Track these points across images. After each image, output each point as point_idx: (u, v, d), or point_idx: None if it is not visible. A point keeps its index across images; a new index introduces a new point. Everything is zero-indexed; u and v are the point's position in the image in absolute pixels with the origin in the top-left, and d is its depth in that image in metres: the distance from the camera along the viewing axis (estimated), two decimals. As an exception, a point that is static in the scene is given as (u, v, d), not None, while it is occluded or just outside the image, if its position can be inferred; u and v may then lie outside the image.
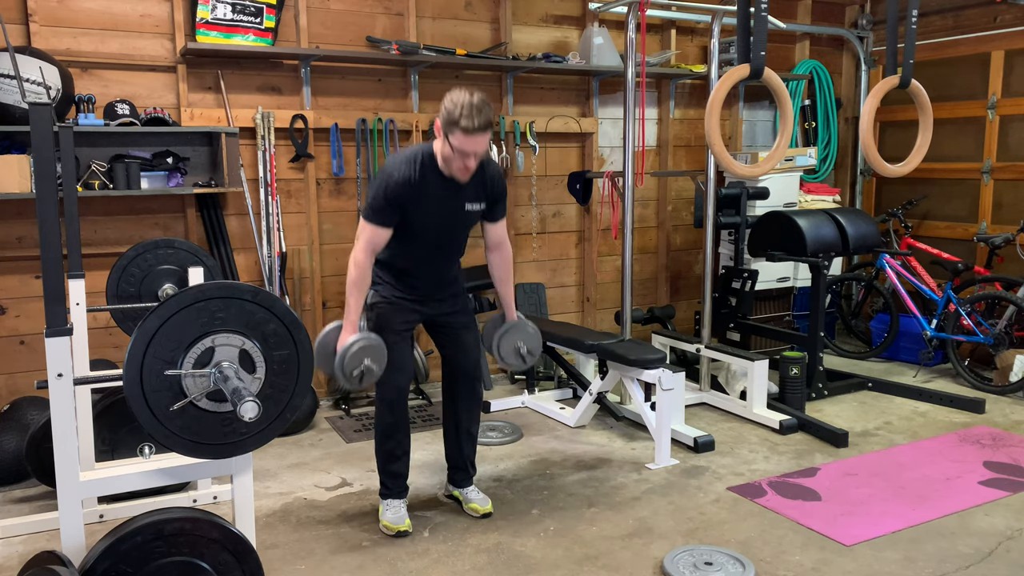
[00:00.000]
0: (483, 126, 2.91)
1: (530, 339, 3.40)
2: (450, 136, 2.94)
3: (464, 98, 2.91)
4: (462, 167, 3.00)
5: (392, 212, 3.05)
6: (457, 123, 2.89)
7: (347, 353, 2.98)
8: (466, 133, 2.90)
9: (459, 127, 2.89)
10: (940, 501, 3.50)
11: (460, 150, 2.94)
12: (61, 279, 2.04)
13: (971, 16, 5.82)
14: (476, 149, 2.95)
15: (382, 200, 3.03)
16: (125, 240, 4.30)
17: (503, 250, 3.37)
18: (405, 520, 3.25)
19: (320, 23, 4.70)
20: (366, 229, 3.06)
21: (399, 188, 3.02)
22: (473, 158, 2.98)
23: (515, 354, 3.38)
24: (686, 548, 3.05)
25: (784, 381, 4.63)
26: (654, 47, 5.77)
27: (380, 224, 3.06)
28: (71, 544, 2.10)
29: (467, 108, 2.89)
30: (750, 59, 3.44)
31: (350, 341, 2.99)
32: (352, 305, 3.08)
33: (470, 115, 2.88)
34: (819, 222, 4.99)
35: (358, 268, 3.06)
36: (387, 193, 3.02)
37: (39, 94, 3.73)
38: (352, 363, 2.99)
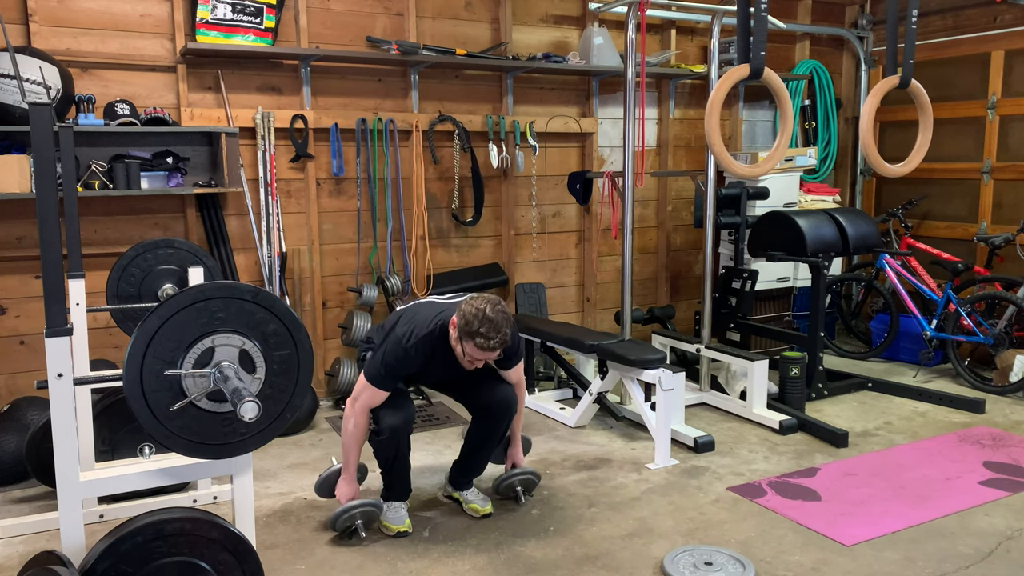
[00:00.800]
0: (497, 346, 2.97)
1: (530, 485, 3.53)
2: (464, 343, 2.98)
3: (483, 311, 2.94)
4: (471, 366, 3.10)
5: (397, 381, 3.16)
6: (473, 337, 2.94)
7: (343, 515, 3.15)
8: (480, 349, 2.97)
9: (474, 342, 2.95)
10: (940, 501, 3.50)
11: (472, 357, 3.03)
12: (61, 279, 2.04)
13: (971, 16, 5.82)
14: (489, 358, 3.06)
15: (392, 370, 3.09)
16: (125, 240, 4.30)
17: (516, 389, 3.41)
18: (405, 520, 3.25)
19: (320, 23, 4.70)
20: (367, 390, 3.11)
21: (410, 362, 3.10)
22: (482, 364, 3.11)
23: (511, 492, 3.52)
24: (686, 548, 3.05)
25: (784, 381, 4.63)
26: (654, 47, 5.77)
27: (383, 388, 3.12)
28: (71, 544, 2.10)
29: (485, 325, 2.92)
30: (750, 59, 3.44)
31: (349, 505, 3.15)
32: (351, 460, 3.21)
33: (487, 334, 2.93)
34: (819, 222, 4.99)
35: (356, 427, 3.16)
36: (398, 367, 3.10)
37: (39, 94, 3.73)
38: (345, 523, 3.16)
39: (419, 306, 3.25)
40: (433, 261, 5.12)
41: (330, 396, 4.87)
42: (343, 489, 3.22)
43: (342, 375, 4.68)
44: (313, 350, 3.04)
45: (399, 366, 3.09)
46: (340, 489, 3.23)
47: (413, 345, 3.07)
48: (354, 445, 3.17)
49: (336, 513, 3.15)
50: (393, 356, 3.07)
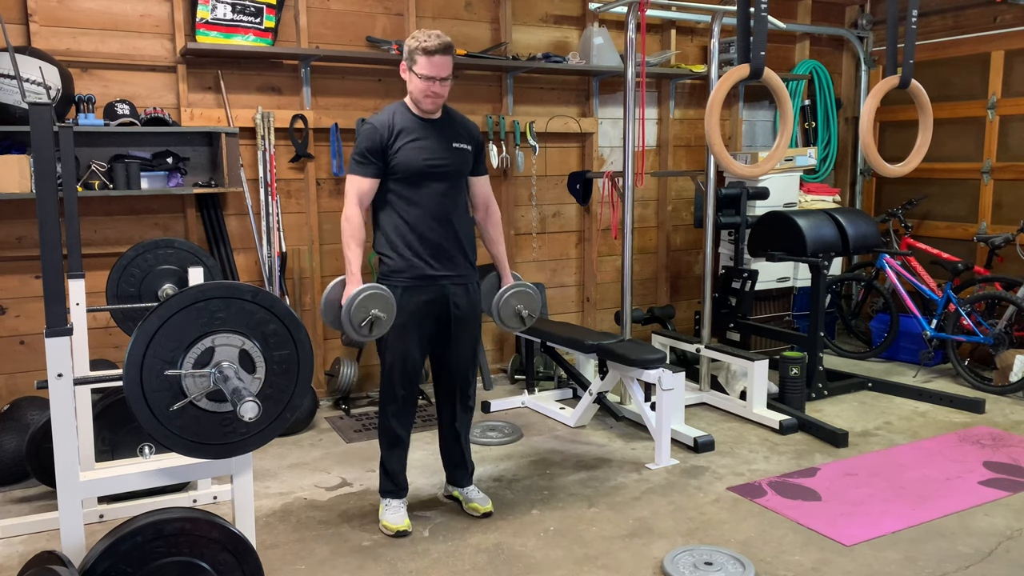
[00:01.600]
0: (443, 47, 3.04)
1: (530, 301, 3.43)
2: (414, 67, 3.06)
3: (421, 31, 3.08)
4: (430, 95, 3.09)
5: (374, 158, 3.12)
6: (418, 49, 3.03)
7: (353, 303, 2.99)
8: (428, 55, 3.02)
9: (420, 51, 3.02)
10: (940, 501, 3.50)
11: (425, 75, 3.05)
12: (61, 279, 2.04)
13: (971, 16, 5.82)
14: (440, 72, 3.06)
15: (362, 148, 3.12)
16: (125, 240, 4.30)
17: (491, 209, 3.40)
18: (405, 520, 3.25)
19: (320, 23, 4.70)
20: (352, 181, 3.14)
21: (376, 132, 3.12)
22: (439, 83, 3.07)
23: (515, 317, 3.41)
24: (686, 548, 3.05)
25: (784, 381, 4.63)
26: (654, 47, 5.77)
27: (363, 174, 3.13)
28: (71, 544, 2.10)
29: (425, 35, 3.06)
30: (750, 59, 3.44)
31: (356, 291, 3.02)
32: (352, 259, 3.12)
33: (428, 39, 3.03)
34: (819, 222, 4.99)
35: (350, 222, 3.13)
36: (367, 140, 3.12)
37: (39, 94, 3.73)
38: (359, 313, 2.99)
39: None
40: (433, 261, 5.11)
41: (330, 396, 4.88)
42: (349, 289, 3.06)
43: (342, 375, 4.68)
44: (313, 350, 3.04)
45: (369, 143, 3.11)
46: (346, 292, 3.06)
47: (376, 117, 3.16)
48: (352, 241, 3.11)
49: (344, 308, 2.99)
50: (363, 133, 3.14)
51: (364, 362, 4.91)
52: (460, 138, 3.23)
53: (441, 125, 3.20)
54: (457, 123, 3.26)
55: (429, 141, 3.16)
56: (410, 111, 3.17)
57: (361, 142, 3.13)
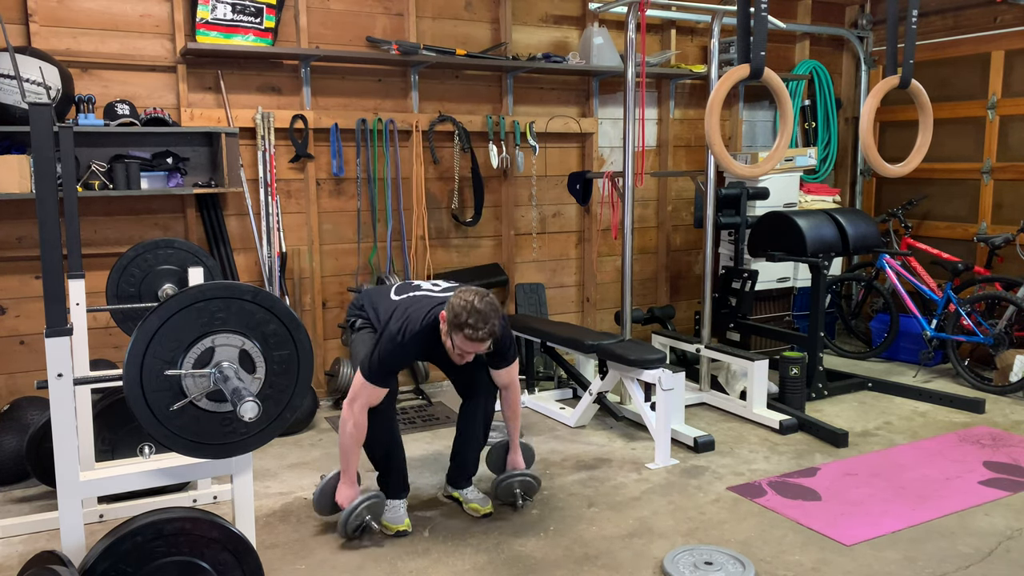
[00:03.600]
0: (486, 337, 2.98)
1: (530, 488, 3.48)
2: (454, 335, 3.00)
3: (472, 303, 2.95)
4: (460, 359, 3.10)
5: (394, 376, 3.16)
6: (461, 328, 2.95)
7: (352, 515, 3.12)
8: (469, 340, 2.98)
9: (463, 333, 2.96)
10: (940, 501, 3.50)
11: (460, 350, 3.04)
12: (61, 279, 2.04)
13: (971, 16, 5.82)
14: (477, 350, 3.06)
15: (388, 366, 3.10)
16: (125, 240, 4.30)
17: (511, 392, 3.42)
18: (405, 520, 3.25)
19: (320, 23, 4.70)
20: (365, 388, 3.09)
21: (406, 357, 3.15)
22: (472, 356, 3.10)
23: (510, 495, 3.46)
24: (686, 548, 3.05)
25: (784, 381, 4.63)
26: (654, 47, 5.77)
27: (381, 385, 3.11)
28: (71, 544, 2.10)
29: (474, 316, 2.94)
30: (750, 59, 3.44)
31: (355, 503, 3.12)
32: (350, 462, 3.18)
33: (475, 325, 2.94)
34: (819, 222, 4.99)
35: (356, 427, 3.12)
36: (395, 358, 3.11)
37: (39, 94, 3.73)
38: (355, 523, 3.12)
39: (413, 300, 3.24)
40: (433, 261, 5.12)
41: (330, 396, 4.87)
42: (344, 493, 3.19)
43: (342, 375, 4.68)
44: (313, 350, 3.04)
45: (394, 361, 3.11)
46: (341, 494, 3.20)
47: (408, 341, 3.09)
48: (354, 447, 3.15)
49: (343, 517, 3.12)
50: (388, 352, 3.08)
51: (364, 362, 4.90)
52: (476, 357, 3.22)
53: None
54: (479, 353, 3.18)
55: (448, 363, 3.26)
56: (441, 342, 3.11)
57: (387, 354, 3.08)
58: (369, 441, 3.24)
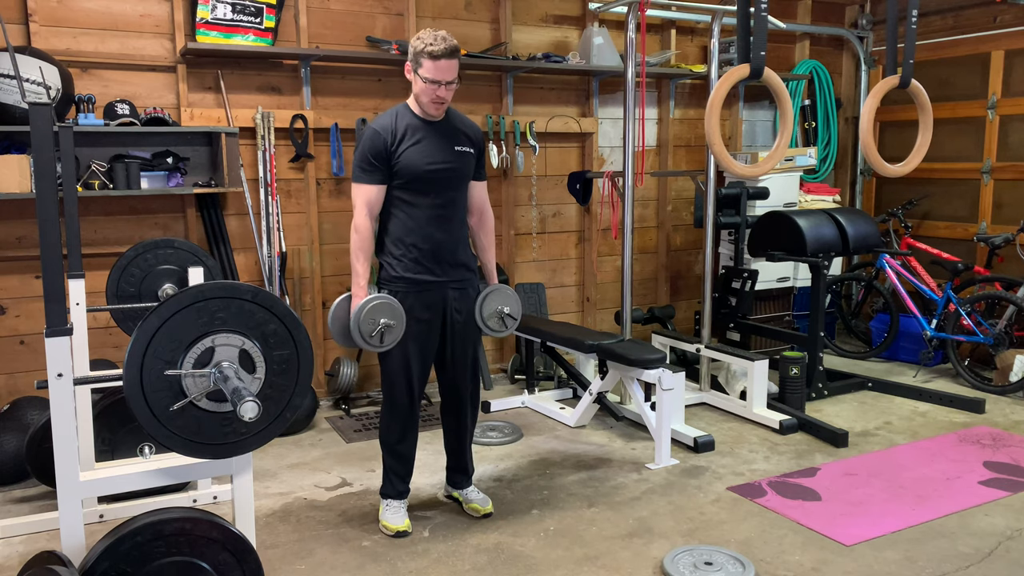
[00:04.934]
0: (449, 51, 2.99)
1: (511, 302, 3.37)
2: (419, 70, 3.02)
3: (428, 33, 3.01)
4: (435, 98, 3.05)
5: (379, 164, 3.08)
6: (423, 52, 2.98)
7: (361, 314, 2.99)
8: (433, 59, 2.98)
9: (426, 55, 2.98)
10: (940, 501, 3.50)
11: (430, 79, 3.01)
12: (61, 279, 2.04)
13: (971, 16, 5.82)
14: (446, 77, 3.02)
15: (367, 154, 3.08)
16: (125, 240, 4.30)
17: (485, 216, 3.37)
18: (405, 520, 3.25)
19: (320, 23, 4.70)
20: (359, 191, 3.09)
21: (379, 137, 3.07)
22: (444, 88, 3.03)
23: (497, 318, 3.35)
24: (686, 548, 3.05)
25: (784, 381, 4.63)
26: (654, 47, 5.77)
27: (370, 181, 3.08)
28: (71, 544, 2.10)
29: (431, 37, 3.00)
30: (750, 59, 3.44)
31: (362, 303, 3.01)
32: (359, 271, 3.09)
33: (435, 42, 2.98)
34: (819, 222, 4.99)
35: (359, 233, 3.08)
36: (370, 146, 3.07)
37: (39, 94, 3.73)
38: (368, 324, 2.99)
39: None
40: (433, 261, 5.11)
41: (330, 396, 4.88)
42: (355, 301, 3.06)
43: (342, 375, 4.68)
44: (313, 350, 3.04)
45: (373, 148, 3.06)
46: (353, 305, 3.06)
47: (379, 121, 3.11)
48: (360, 253, 3.08)
49: (353, 318, 2.98)
50: (366, 138, 3.09)
51: (364, 362, 4.91)
52: (462, 141, 3.20)
53: (444, 127, 3.17)
54: (460, 125, 3.23)
55: (432, 144, 3.12)
56: (413, 113, 3.14)
57: (364, 147, 3.09)
58: (389, 429, 3.24)
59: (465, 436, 3.45)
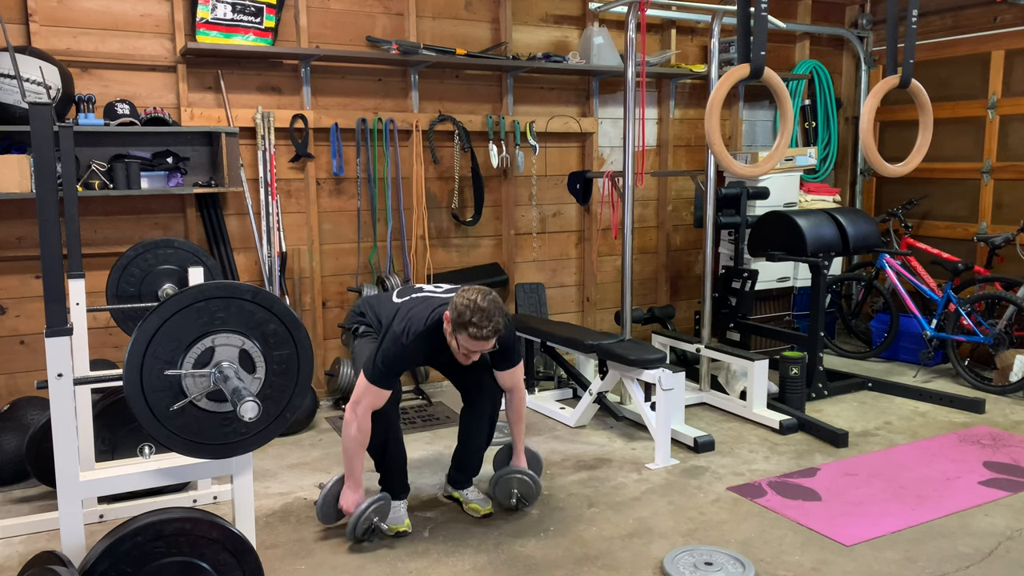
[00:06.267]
0: (491, 335, 2.96)
1: (527, 489, 3.42)
2: (458, 335, 2.99)
3: (475, 301, 2.94)
4: (465, 358, 3.08)
5: (397, 378, 3.13)
6: (466, 327, 2.94)
7: (360, 519, 3.09)
8: (473, 339, 2.96)
9: (467, 332, 2.94)
10: (940, 501, 3.50)
11: (465, 349, 3.02)
12: (61, 279, 2.04)
13: (971, 16, 5.82)
14: (482, 350, 3.04)
15: (392, 368, 3.08)
16: (125, 240, 4.30)
17: (515, 394, 3.39)
18: (405, 520, 3.25)
19: (320, 23, 4.70)
20: (369, 391, 3.06)
21: (408, 359, 3.11)
22: (478, 355, 3.08)
23: (507, 497, 3.42)
24: (686, 548, 3.05)
25: (784, 381, 4.63)
26: (654, 47, 5.77)
27: (385, 387, 3.09)
28: (71, 544, 2.10)
29: (477, 315, 2.92)
30: (750, 59, 3.44)
31: (362, 507, 3.09)
32: (355, 466, 3.14)
33: (479, 323, 2.92)
34: (819, 222, 4.99)
35: (360, 431, 3.08)
36: (397, 364, 3.09)
37: (39, 94, 3.73)
38: (363, 526, 3.10)
39: (416, 301, 3.23)
40: (433, 261, 5.12)
41: (330, 396, 4.87)
42: (350, 498, 3.15)
43: (342, 375, 4.68)
44: (313, 350, 3.04)
45: (397, 363, 3.09)
46: (346, 499, 3.15)
47: (411, 343, 3.06)
48: (357, 451, 3.12)
49: (351, 522, 3.09)
50: (392, 354, 3.06)
51: (364, 362, 4.90)
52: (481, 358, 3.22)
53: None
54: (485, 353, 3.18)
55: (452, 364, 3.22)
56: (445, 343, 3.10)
57: (392, 357, 3.05)
58: (372, 441, 3.23)
59: (485, 443, 3.47)
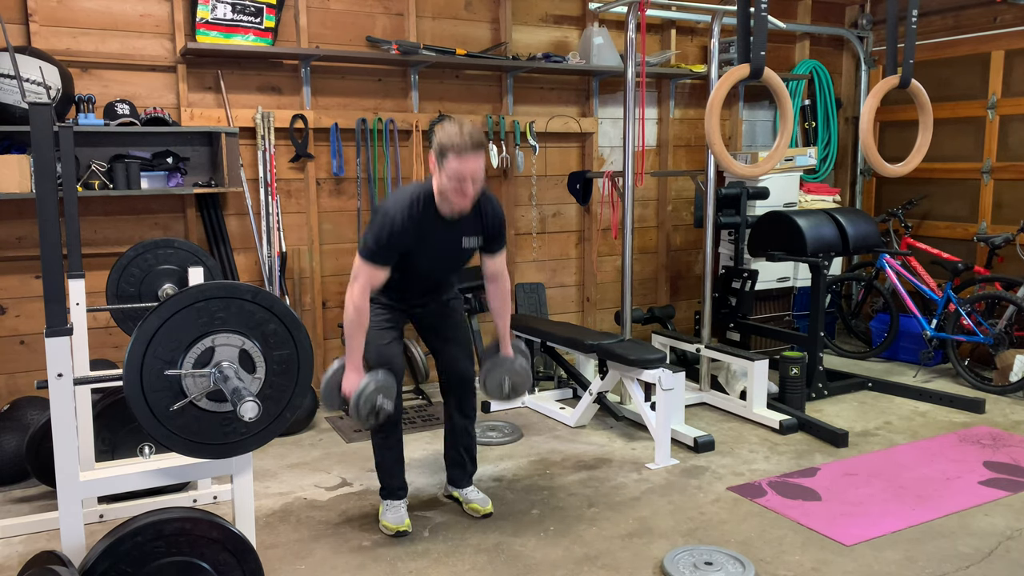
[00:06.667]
0: (475, 146, 2.91)
1: (516, 376, 3.36)
2: (444, 165, 2.93)
3: (453, 126, 2.94)
4: (459, 193, 2.97)
5: (392, 254, 3.06)
6: (449, 148, 2.90)
7: (361, 396, 2.99)
8: (459, 155, 2.89)
9: (452, 151, 2.90)
10: (940, 501, 3.50)
11: (456, 175, 2.93)
12: (61, 279, 2.04)
13: (971, 16, 5.82)
14: (471, 172, 2.94)
15: (384, 242, 3.03)
16: (125, 240, 4.30)
17: (500, 282, 3.35)
18: (405, 520, 3.25)
19: (320, 23, 4.70)
20: (364, 269, 3.03)
21: (401, 232, 3.02)
22: (470, 183, 2.95)
23: (498, 388, 3.36)
24: (686, 548, 3.05)
25: (784, 381, 4.63)
26: (654, 47, 5.77)
27: (380, 264, 3.05)
28: (71, 544, 2.10)
29: (457, 133, 2.91)
30: (750, 59, 3.44)
31: (362, 384, 3.00)
32: (354, 347, 3.07)
33: (460, 137, 2.89)
34: (819, 222, 4.99)
35: (357, 310, 3.03)
36: (389, 236, 3.02)
37: (39, 94, 3.73)
38: (366, 406, 3.01)
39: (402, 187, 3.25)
40: (433, 261, 5.12)
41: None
42: (352, 380, 3.03)
43: (342, 375, 4.68)
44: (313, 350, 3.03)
45: (390, 236, 3.02)
46: (348, 382, 3.04)
47: (400, 211, 3.02)
48: (356, 332, 3.05)
49: (352, 401, 2.99)
50: (382, 226, 3.02)
51: (364, 362, 4.90)
52: (475, 232, 3.17)
53: (458, 223, 3.12)
54: (478, 216, 3.16)
55: (439, 245, 3.13)
56: (434, 206, 3.06)
57: (384, 231, 3.01)
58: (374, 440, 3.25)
59: (466, 433, 3.45)
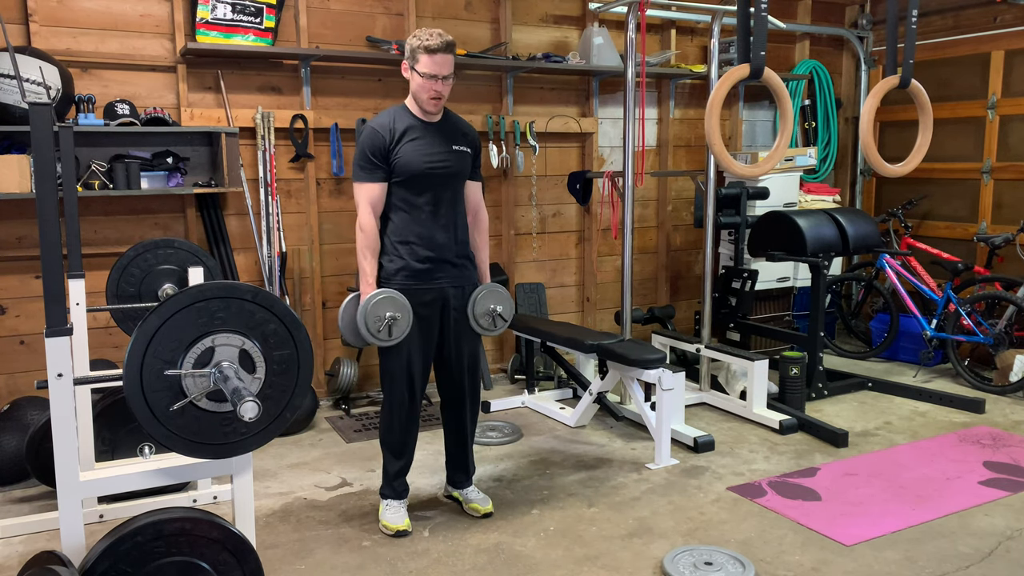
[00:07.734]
0: (445, 45, 3.05)
1: (503, 302, 3.35)
2: (416, 66, 3.07)
3: (423, 30, 3.09)
4: (433, 93, 3.09)
5: (379, 162, 3.11)
6: (419, 48, 3.04)
7: (367, 308, 3.01)
8: (430, 53, 3.03)
9: (422, 49, 3.03)
10: (940, 501, 3.50)
11: (428, 74, 3.05)
12: (61, 279, 2.04)
13: (971, 16, 5.82)
14: (442, 71, 3.07)
15: (366, 152, 3.11)
16: (125, 240, 4.30)
17: (479, 215, 3.39)
18: (405, 520, 3.25)
19: (320, 23, 4.70)
20: (361, 190, 3.12)
21: (378, 135, 3.11)
22: (441, 82, 3.08)
23: (488, 317, 3.33)
24: (686, 548, 3.05)
25: (784, 381, 4.63)
26: (654, 47, 5.77)
27: (371, 180, 3.12)
28: (71, 544, 2.10)
29: (427, 33, 3.06)
30: (750, 59, 3.44)
31: (368, 297, 3.04)
32: (367, 269, 3.12)
33: (430, 36, 3.04)
34: (819, 222, 4.99)
35: (365, 232, 3.11)
36: (369, 144, 3.11)
37: (39, 94, 3.73)
38: (374, 319, 3.01)
39: None
40: (433, 261, 5.11)
41: (330, 396, 4.87)
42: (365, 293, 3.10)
43: (342, 375, 4.68)
44: (313, 350, 3.04)
45: (372, 143, 3.10)
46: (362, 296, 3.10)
47: (377, 122, 3.15)
48: (367, 252, 3.11)
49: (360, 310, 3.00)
50: (364, 139, 3.12)
51: (364, 362, 4.91)
52: (460, 140, 3.23)
53: (441, 127, 3.21)
54: (456, 125, 3.27)
55: (429, 142, 3.15)
56: (411, 113, 3.18)
57: (363, 146, 3.12)
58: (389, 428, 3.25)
59: (466, 435, 3.44)
